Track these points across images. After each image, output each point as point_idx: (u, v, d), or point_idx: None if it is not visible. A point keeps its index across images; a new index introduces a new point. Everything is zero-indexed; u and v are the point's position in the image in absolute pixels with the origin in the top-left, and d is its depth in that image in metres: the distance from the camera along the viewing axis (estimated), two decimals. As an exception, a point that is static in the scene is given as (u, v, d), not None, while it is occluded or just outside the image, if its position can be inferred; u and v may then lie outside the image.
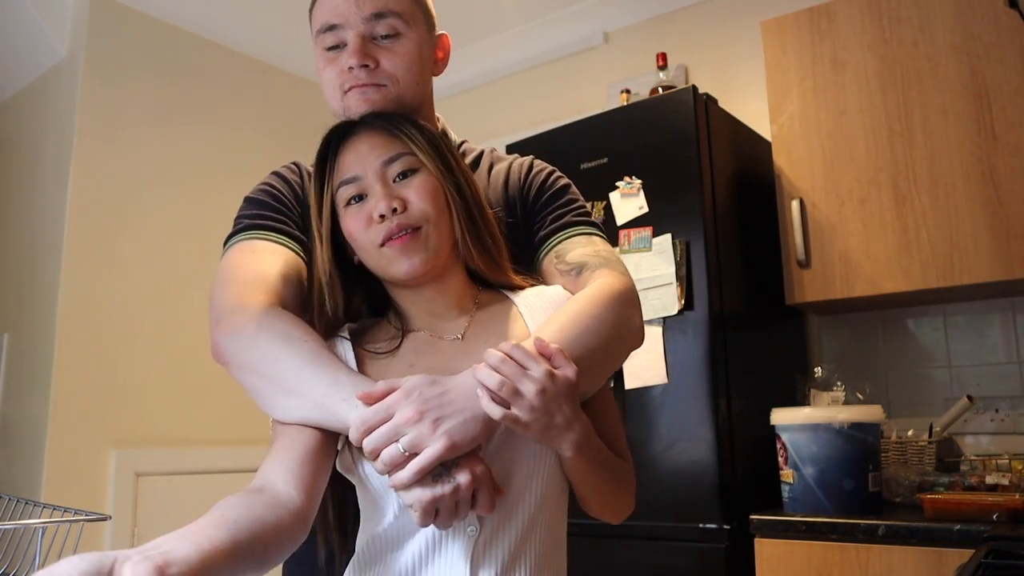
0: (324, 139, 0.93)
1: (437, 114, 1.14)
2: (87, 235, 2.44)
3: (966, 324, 2.07)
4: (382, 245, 0.86)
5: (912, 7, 1.92)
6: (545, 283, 1.00)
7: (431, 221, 0.87)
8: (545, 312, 0.92)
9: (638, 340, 0.96)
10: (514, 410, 0.75)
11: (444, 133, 1.12)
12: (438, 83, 1.15)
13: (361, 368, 0.88)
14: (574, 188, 1.11)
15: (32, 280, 2.56)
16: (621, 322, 0.90)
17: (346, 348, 0.89)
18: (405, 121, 0.92)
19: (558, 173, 1.11)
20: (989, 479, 1.65)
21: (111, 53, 2.59)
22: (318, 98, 3.43)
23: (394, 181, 0.89)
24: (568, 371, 0.79)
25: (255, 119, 2.99)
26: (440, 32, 1.10)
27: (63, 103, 2.57)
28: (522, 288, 0.96)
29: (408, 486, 0.73)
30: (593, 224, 1.05)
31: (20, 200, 2.75)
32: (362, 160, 0.89)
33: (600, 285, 0.92)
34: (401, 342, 0.90)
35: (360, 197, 0.89)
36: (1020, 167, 1.74)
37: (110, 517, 1.14)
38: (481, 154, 1.14)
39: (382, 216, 0.86)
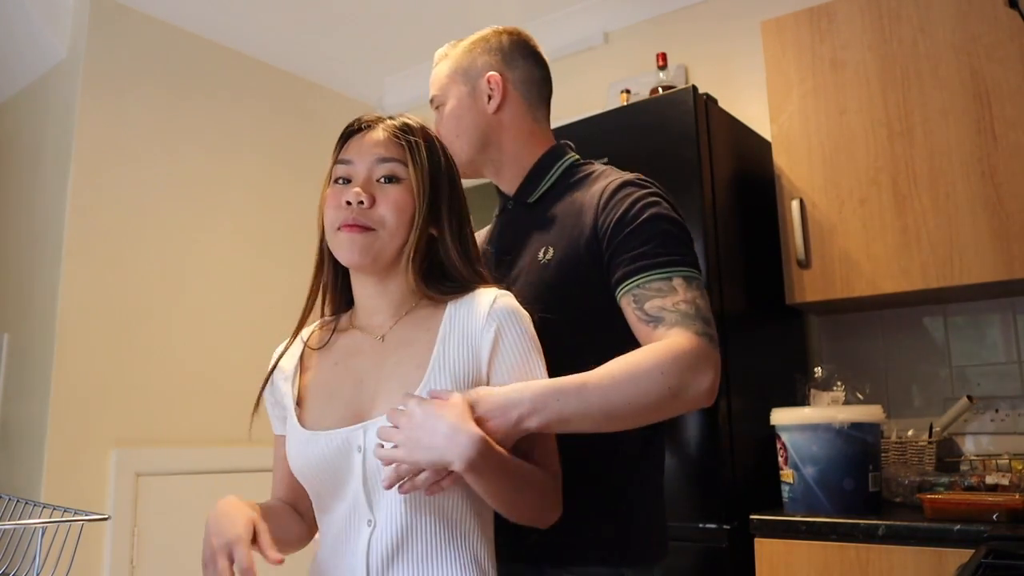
0: (349, 124, 1.03)
1: (565, 141, 1.28)
2: (87, 235, 2.44)
3: (966, 324, 2.07)
4: (338, 228, 0.96)
5: (912, 7, 1.92)
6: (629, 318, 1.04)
7: (387, 229, 0.96)
8: (462, 327, 0.97)
9: (703, 400, 0.98)
10: (394, 472, 0.87)
11: (573, 163, 1.23)
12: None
13: (302, 362, 1.05)
14: (662, 212, 1.09)
15: (32, 280, 2.56)
16: (679, 384, 0.94)
17: (297, 349, 1.07)
18: (418, 134, 1.01)
19: (645, 200, 1.09)
20: (989, 479, 1.65)
21: (111, 53, 2.58)
22: (317, 98, 3.45)
23: (378, 180, 0.97)
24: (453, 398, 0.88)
25: (256, 120, 2.99)
26: (486, 76, 1.24)
27: (63, 103, 2.57)
28: (475, 287, 1.01)
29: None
30: (675, 263, 1.04)
31: (20, 200, 2.75)
32: (361, 150, 0.99)
33: (668, 343, 0.96)
34: (331, 338, 1.04)
35: (346, 180, 0.98)
36: (1020, 167, 1.74)
37: (110, 517, 1.14)
38: (591, 173, 1.20)
39: (348, 203, 0.95)
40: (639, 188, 1.11)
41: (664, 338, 0.97)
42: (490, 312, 0.96)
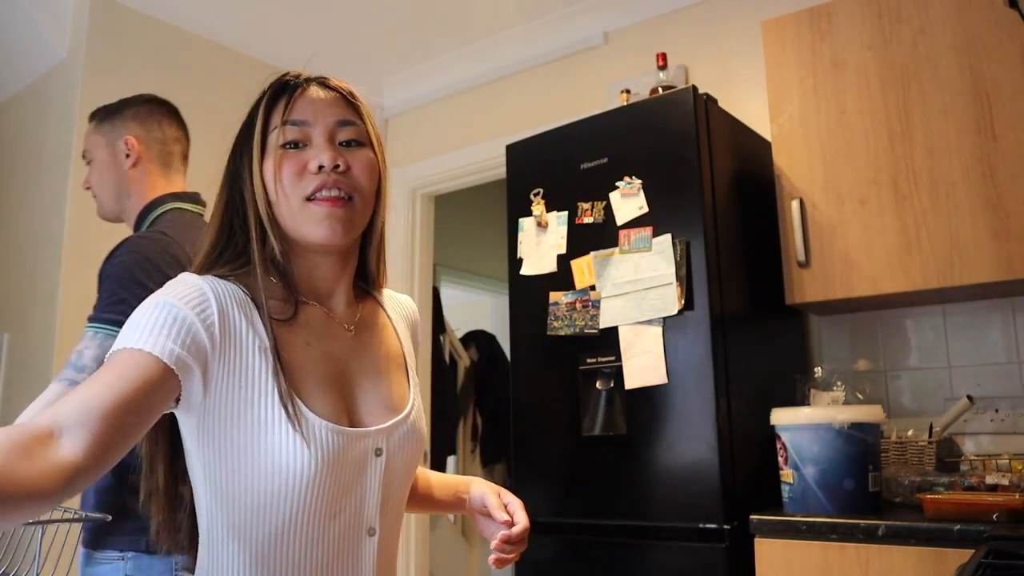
0: (278, 80, 0.91)
1: (170, 192, 1.66)
2: (87, 235, 2.44)
3: (966, 324, 2.07)
4: (309, 199, 0.83)
5: (912, 7, 1.91)
6: None
7: (363, 197, 0.86)
8: (403, 322, 1.02)
9: None
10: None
11: None
12: (439, 83, 1.21)
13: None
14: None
15: (32, 280, 2.56)
16: None
17: (249, 307, 0.83)
18: (358, 95, 0.93)
19: None
20: (989, 479, 1.65)
21: (111, 53, 2.59)
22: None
23: (340, 145, 0.86)
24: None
25: (255, 119, 2.99)
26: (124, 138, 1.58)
27: (63, 103, 2.57)
28: (378, 285, 1.00)
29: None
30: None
31: (20, 200, 2.75)
32: (316, 109, 0.86)
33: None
34: (296, 310, 0.86)
35: (297, 144, 0.85)
36: (1020, 167, 1.74)
37: (110, 517, 1.14)
38: None
39: (320, 167, 0.83)
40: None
41: None
42: (413, 311, 1.05)
